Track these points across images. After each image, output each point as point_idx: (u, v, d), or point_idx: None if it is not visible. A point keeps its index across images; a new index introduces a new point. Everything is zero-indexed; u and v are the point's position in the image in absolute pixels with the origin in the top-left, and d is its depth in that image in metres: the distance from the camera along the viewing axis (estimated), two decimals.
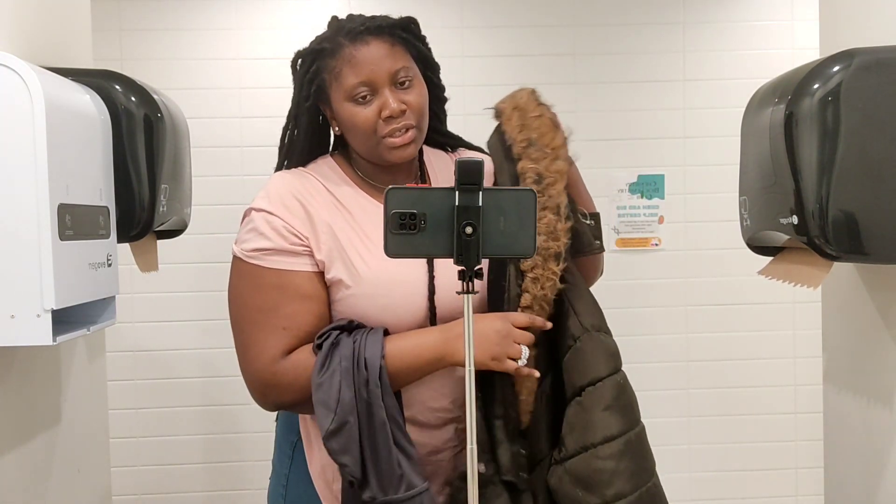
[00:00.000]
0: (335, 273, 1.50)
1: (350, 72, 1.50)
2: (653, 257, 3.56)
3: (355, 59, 1.50)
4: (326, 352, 1.45)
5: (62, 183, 1.37)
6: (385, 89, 1.50)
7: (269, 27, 3.45)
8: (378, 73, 1.49)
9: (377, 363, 1.43)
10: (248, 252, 1.51)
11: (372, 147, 1.53)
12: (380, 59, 1.50)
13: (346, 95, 1.51)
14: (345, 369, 1.43)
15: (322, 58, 1.54)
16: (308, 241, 1.51)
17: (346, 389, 1.42)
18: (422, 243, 1.22)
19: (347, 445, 1.42)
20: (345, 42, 1.52)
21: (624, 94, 3.49)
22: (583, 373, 1.50)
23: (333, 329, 1.48)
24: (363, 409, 1.43)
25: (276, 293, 1.49)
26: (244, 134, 3.44)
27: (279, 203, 1.52)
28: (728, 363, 3.56)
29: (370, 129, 1.51)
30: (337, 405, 1.42)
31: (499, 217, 1.21)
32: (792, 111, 1.43)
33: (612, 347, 1.55)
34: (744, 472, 3.59)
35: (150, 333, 3.41)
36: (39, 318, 1.33)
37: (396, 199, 1.22)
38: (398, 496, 1.43)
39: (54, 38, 1.73)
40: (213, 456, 3.44)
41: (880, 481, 1.64)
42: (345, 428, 1.42)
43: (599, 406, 1.48)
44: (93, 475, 1.90)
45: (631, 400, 1.53)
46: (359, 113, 1.51)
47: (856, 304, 1.71)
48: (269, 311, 1.49)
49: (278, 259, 1.49)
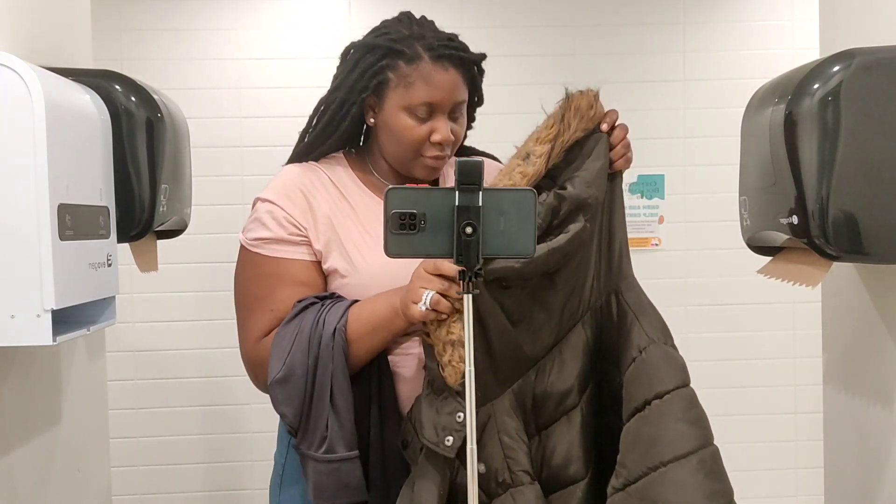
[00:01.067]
0: (332, 263, 1.55)
1: (423, 88, 1.52)
2: (653, 257, 3.56)
3: (433, 79, 1.53)
4: (296, 312, 1.50)
5: (62, 183, 1.37)
6: (443, 116, 1.54)
7: (269, 27, 3.45)
8: (446, 101, 1.54)
9: (333, 325, 1.47)
10: (250, 241, 1.57)
11: (406, 159, 1.57)
12: (452, 89, 1.55)
13: (407, 105, 1.54)
14: (303, 328, 1.48)
15: (395, 57, 1.54)
16: (306, 231, 1.55)
17: (299, 344, 1.47)
18: (422, 243, 1.22)
19: (290, 397, 1.47)
20: (425, 56, 1.54)
21: (624, 94, 3.49)
22: (648, 385, 1.41)
23: (315, 298, 1.53)
24: (311, 365, 1.46)
25: (272, 280, 1.54)
26: (244, 134, 3.43)
27: (283, 194, 1.57)
28: (728, 363, 3.56)
29: (416, 146, 1.55)
30: (287, 356, 1.47)
31: (499, 217, 1.21)
32: (792, 111, 1.43)
33: (681, 361, 1.47)
34: (744, 472, 3.59)
35: (150, 333, 3.41)
36: (39, 318, 1.33)
37: (396, 199, 1.22)
38: (316, 454, 1.46)
39: (54, 38, 1.73)
40: (213, 456, 3.44)
41: (880, 481, 1.64)
42: (291, 379, 1.47)
43: (669, 418, 1.39)
44: (93, 475, 1.90)
45: (703, 416, 1.45)
46: (412, 127, 1.54)
47: (856, 304, 1.71)
48: (264, 297, 1.55)
49: (277, 248, 1.55)
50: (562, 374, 1.49)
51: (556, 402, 1.49)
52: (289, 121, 3.29)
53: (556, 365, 1.49)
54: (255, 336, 1.55)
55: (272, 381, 1.48)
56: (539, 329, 1.48)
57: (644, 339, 1.45)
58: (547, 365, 1.50)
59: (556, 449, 1.48)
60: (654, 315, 1.51)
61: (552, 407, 1.49)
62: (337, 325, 1.47)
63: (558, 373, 1.49)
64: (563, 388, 1.48)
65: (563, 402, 1.49)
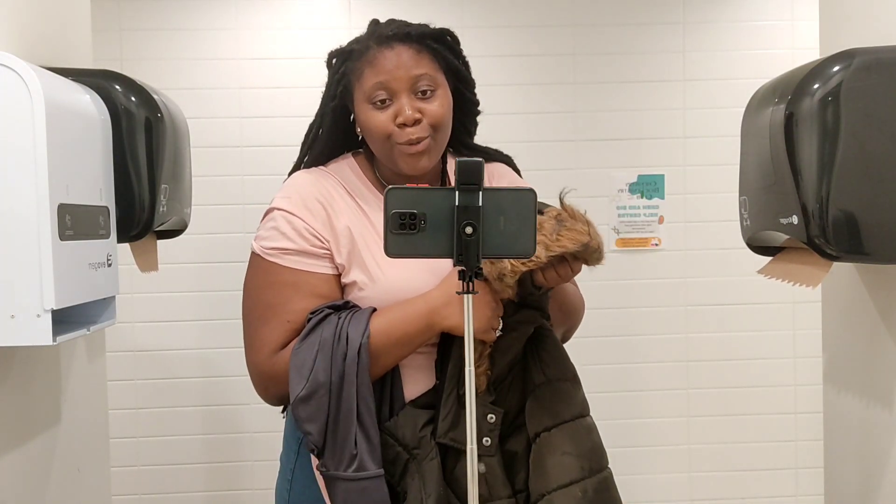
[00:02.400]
0: (352, 276, 1.53)
1: (370, 73, 1.51)
2: (653, 257, 3.56)
3: (377, 60, 1.51)
4: (312, 325, 1.48)
5: (62, 183, 1.37)
6: (403, 95, 1.50)
7: (269, 27, 3.45)
8: (396, 78, 1.50)
9: (358, 340, 1.45)
10: (267, 249, 1.53)
11: (387, 153, 1.54)
12: (401, 64, 1.50)
13: (365, 97, 1.52)
14: (325, 341, 1.45)
15: (350, 59, 1.55)
16: (329, 244, 1.53)
17: (322, 360, 1.44)
18: (422, 243, 1.22)
19: (314, 415, 1.44)
20: (372, 45, 1.53)
21: (624, 94, 3.49)
22: (538, 420, 1.51)
23: (328, 307, 1.50)
24: (336, 382, 1.44)
25: (289, 290, 1.51)
26: (244, 134, 3.43)
27: (301, 204, 1.53)
28: (728, 363, 3.56)
29: (384, 135, 1.51)
30: (310, 373, 1.44)
31: (499, 217, 1.21)
32: (792, 111, 1.43)
33: (574, 395, 1.55)
34: (744, 472, 3.59)
35: (150, 333, 3.41)
36: (39, 318, 1.33)
37: (396, 199, 1.22)
38: (345, 474, 1.44)
39: (54, 38, 1.73)
40: (213, 456, 3.44)
41: (880, 481, 1.64)
42: (314, 397, 1.44)
43: (557, 451, 1.49)
44: (93, 475, 1.90)
45: (593, 446, 1.53)
46: (374, 117, 1.51)
47: (856, 304, 1.71)
48: (279, 307, 1.51)
49: (298, 259, 1.51)
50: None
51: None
52: (289, 121, 3.33)
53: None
54: (270, 348, 1.51)
55: (295, 399, 1.45)
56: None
57: (540, 377, 1.54)
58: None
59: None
60: (557, 353, 1.58)
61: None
62: (361, 339, 1.45)
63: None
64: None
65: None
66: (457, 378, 1.49)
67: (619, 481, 1.57)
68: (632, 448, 3.52)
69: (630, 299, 3.53)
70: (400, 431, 1.49)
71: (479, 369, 1.49)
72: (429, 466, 1.47)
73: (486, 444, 1.49)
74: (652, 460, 3.54)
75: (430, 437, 1.48)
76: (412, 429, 1.49)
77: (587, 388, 1.60)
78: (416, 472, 1.47)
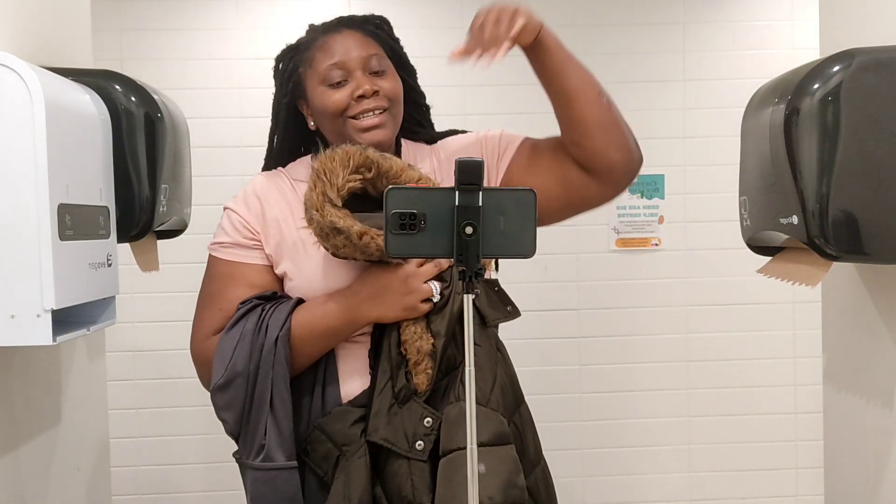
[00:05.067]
0: (282, 266, 1.56)
1: (323, 56, 1.56)
2: (653, 257, 3.56)
3: (328, 44, 1.56)
4: (239, 316, 1.52)
5: (62, 183, 1.37)
6: (357, 72, 1.54)
7: (269, 27, 3.44)
8: (350, 57, 1.54)
9: (276, 332, 1.47)
10: (211, 244, 1.61)
11: (341, 130, 1.55)
12: (353, 46, 1.55)
13: (320, 79, 1.55)
14: (246, 332, 1.49)
15: (298, 53, 1.61)
16: (259, 235, 1.57)
17: (241, 350, 1.48)
18: (422, 243, 1.22)
19: (231, 403, 1.49)
20: (319, 35, 1.59)
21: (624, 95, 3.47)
22: (449, 439, 1.44)
23: (257, 298, 1.53)
24: (252, 371, 1.47)
25: (225, 280, 1.57)
26: (244, 134, 3.43)
27: (242, 201, 1.61)
28: (728, 363, 3.56)
29: (341, 108, 1.53)
30: (229, 362, 1.48)
31: (499, 217, 1.21)
32: (792, 111, 1.43)
33: (491, 421, 1.46)
34: (744, 472, 3.59)
35: (150, 333, 3.41)
36: (39, 318, 1.33)
37: (396, 198, 1.22)
38: (253, 463, 1.48)
39: (54, 38, 1.73)
40: (213, 456, 3.44)
41: (880, 481, 1.64)
42: (231, 386, 1.48)
43: (460, 473, 1.40)
44: (93, 475, 1.90)
45: (504, 470, 1.44)
46: (331, 95, 1.54)
47: (856, 304, 1.71)
48: (215, 295, 1.58)
49: (232, 251, 1.58)
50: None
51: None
52: None
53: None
54: (204, 333, 1.57)
55: (213, 386, 1.50)
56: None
57: (453, 397, 1.47)
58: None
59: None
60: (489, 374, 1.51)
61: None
62: (279, 332, 1.47)
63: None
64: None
65: None
66: (388, 374, 1.47)
67: (619, 481, 1.57)
68: (632, 448, 3.52)
69: (630, 299, 3.53)
70: (330, 427, 1.49)
71: (418, 366, 1.47)
72: (356, 465, 1.45)
73: (418, 447, 1.44)
74: (652, 460, 3.54)
75: (360, 435, 1.46)
76: (342, 425, 1.48)
77: (587, 388, 1.60)
78: (343, 468, 1.46)
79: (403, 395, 1.46)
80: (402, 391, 1.46)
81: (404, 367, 1.47)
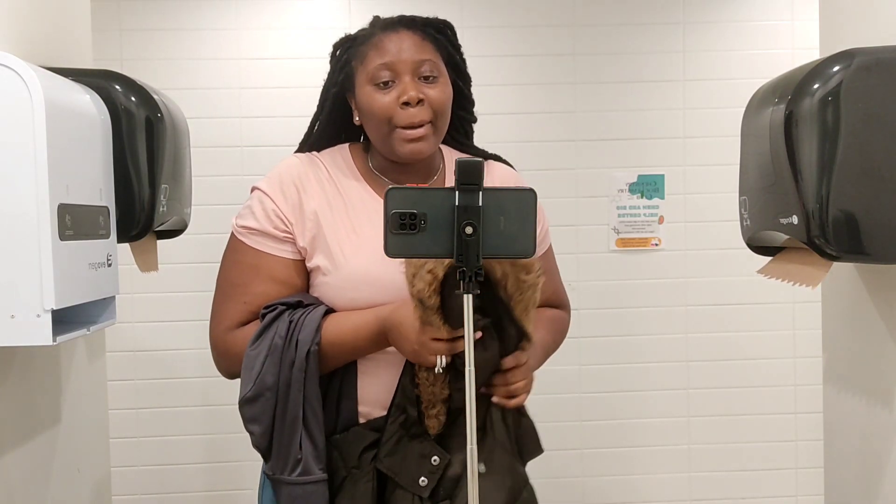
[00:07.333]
0: (315, 260, 1.54)
1: (375, 54, 1.53)
2: (653, 257, 3.56)
3: (382, 42, 1.53)
4: (265, 325, 1.49)
5: (62, 183, 1.37)
6: (406, 76, 1.51)
7: (269, 27, 3.45)
8: (402, 59, 1.51)
9: (306, 347, 1.46)
10: (238, 227, 1.57)
11: (385, 136, 1.54)
12: (407, 47, 1.52)
13: (368, 78, 1.53)
14: (276, 345, 1.47)
15: (354, 45, 1.58)
16: (292, 227, 1.54)
17: (270, 364, 1.47)
18: (422, 243, 1.22)
19: (259, 416, 1.48)
20: (377, 31, 1.56)
21: (624, 94, 3.49)
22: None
23: (281, 304, 1.51)
24: (283, 386, 1.46)
25: (250, 271, 1.54)
26: (244, 134, 3.43)
27: (277, 186, 1.56)
28: (728, 363, 3.56)
29: (385, 116, 1.52)
30: (258, 376, 1.47)
31: (499, 217, 1.21)
32: (792, 111, 1.43)
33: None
34: (744, 472, 3.59)
35: (150, 333, 3.41)
36: (39, 318, 1.33)
37: (396, 198, 1.22)
38: (289, 478, 1.46)
39: (54, 38, 1.73)
40: (213, 456, 3.44)
41: (880, 481, 1.64)
42: (260, 399, 1.47)
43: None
44: (93, 475, 1.90)
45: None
46: (377, 98, 1.52)
47: (856, 304, 1.71)
48: (239, 287, 1.55)
49: (260, 240, 1.55)
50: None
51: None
52: (289, 121, 3.32)
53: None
54: (226, 325, 1.55)
55: (241, 399, 1.49)
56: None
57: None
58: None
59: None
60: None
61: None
62: (310, 346, 1.45)
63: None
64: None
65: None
66: (403, 406, 1.46)
67: (619, 481, 1.57)
68: (632, 448, 3.52)
69: (630, 299, 3.53)
70: (344, 448, 1.48)
71: (430, 410, 1.45)
72: (361, 490, 1.45)
73: (422, 483, 1.43)
74: (652, 460, 3.54)
75: (370, 461, 1.46)
76: (356, 448, 1.48)
77: (587, 388, 1.60)
78: (349, 490, 1.46)
79: (414, 431, 1.45)
80: (414, 428, 1.45)
81: (419, 406, 1.46)
